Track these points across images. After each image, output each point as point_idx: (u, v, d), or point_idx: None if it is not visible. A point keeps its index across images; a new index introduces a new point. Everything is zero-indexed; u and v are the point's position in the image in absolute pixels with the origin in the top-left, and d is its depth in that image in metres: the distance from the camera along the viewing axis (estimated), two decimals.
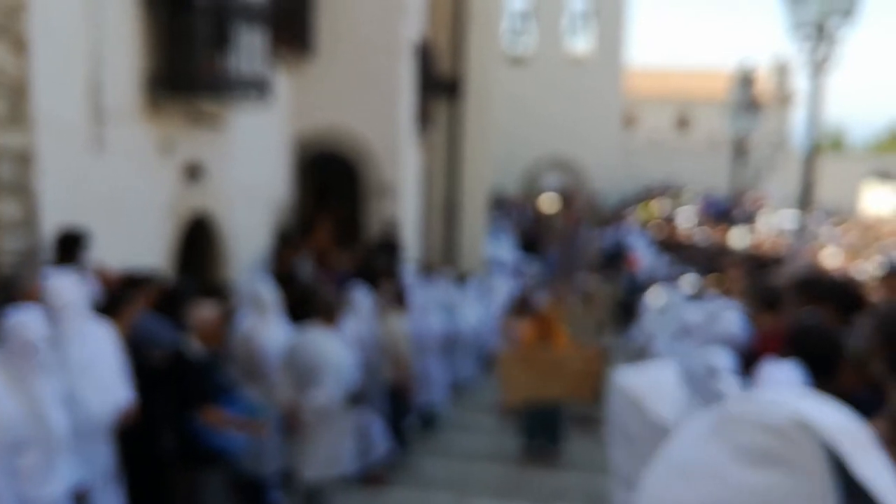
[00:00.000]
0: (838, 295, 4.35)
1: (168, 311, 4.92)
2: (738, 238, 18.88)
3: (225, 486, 5.00)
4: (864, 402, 2.57)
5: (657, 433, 2.33)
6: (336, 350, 5.31)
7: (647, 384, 2.59)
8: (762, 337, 4.71)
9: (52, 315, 3.80)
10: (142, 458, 4.40)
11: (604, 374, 7.86)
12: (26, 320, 3.55)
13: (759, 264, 11.45)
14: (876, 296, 5.44)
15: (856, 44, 75.51)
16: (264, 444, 5.35)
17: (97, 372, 4.04)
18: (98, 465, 4.04)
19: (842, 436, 1.41)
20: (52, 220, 5.41)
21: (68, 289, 4.10)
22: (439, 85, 13.31)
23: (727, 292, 7.47)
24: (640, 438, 2.56)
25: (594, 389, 7.63)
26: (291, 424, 5.31)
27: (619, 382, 2.65)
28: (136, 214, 6.70)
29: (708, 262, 11.56)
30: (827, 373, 3.01)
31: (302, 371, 5.24)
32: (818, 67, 8.29)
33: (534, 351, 7.59)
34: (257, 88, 7.79)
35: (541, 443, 7.45)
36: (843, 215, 26.83)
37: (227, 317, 5.53)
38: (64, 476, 3.63)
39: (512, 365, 7.53)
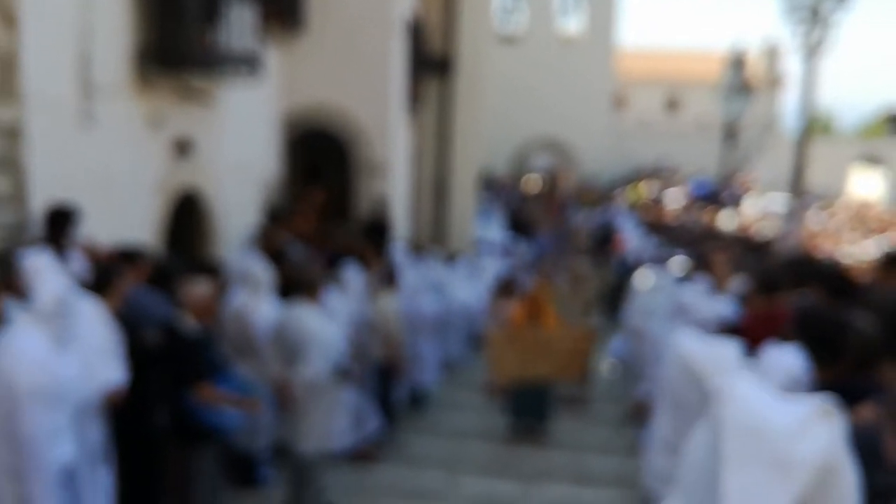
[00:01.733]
0: (828, 278, 4.37)
1: (161, 286, 4.90)
2: (725, 220, 18.96)
3: (217, 463, 5.00)
4: (863, 389, 2.60)
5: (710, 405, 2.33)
6: (320, 325, 5.30)
7: (709, 357, 2.61)
8: (753, 319, 4.73)
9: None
10: (134, 435, 4.40)
11: (592, 354, 7.92)
12: (53, 281, 3.58)
13: (746, 247, 11.51)
14: (866, 280, 5.48)
15: (846, 28, 75.59)
16: (256, 421, 5.36)
17: (85, 350, 4.02)
18: (87, 444, 4.03)
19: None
20: (41, 195, 5.36)
21: (48, 268, 4.08)
22: (430, 63, 13.23)
23: (714, 275, 7.49)
24: (691, 407, 2.59)
25: (582, 369, 7.70)
26: (282, 399, 5.32)
27: (680, 350, 2.67)
28: (125, 190, 6.65)
29: (695, 244, 11.59)
30: (831, 357, 2.97)
31: (289, 346, 5.25)
32: (812, 51, 8.30)
33: (523, 331, 7.61)
34: (247, 64, 7.71)
35: (528, 421, 7.50)
36: (830, 199, 26.96)
37: (219, 294, 5.52)
38: (67, 446, 3.65)
39: (501, 344, 7.55)
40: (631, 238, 16.96)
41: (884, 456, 2.01)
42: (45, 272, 4.05)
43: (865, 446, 2.16)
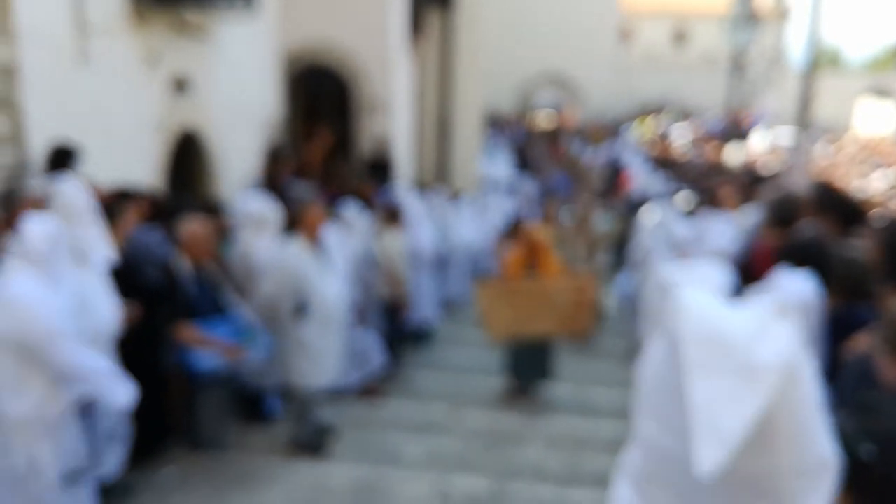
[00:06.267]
0: (844, 207, 4.33)
1: (163, 225, 4.88)
2: (732, 155, 18.81)
3: (222, 399, 5.05)
4: (863, 318, 2.60)
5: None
6: (303, 262, 5.06)
7: (689, 279, 2.61)
8: (763, 251, 4.70)
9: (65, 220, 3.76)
10: (140, 373, 4.42)
11: (595, 304, 7.13)
12: (43, 225, 3.55)
13: (753, 181, 11.42)
14: (879, 212, 5.43)
15: None
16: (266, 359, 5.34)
17: (101, 279, 4.02)
18: None
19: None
20: (39, 134, 5.32)
21: (77, 193, 4.04)
22: None
23: (720, 208, 7.45)
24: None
25: (586, 322, 6.87)
26: None
27: (660, 277, 2.68)
28: (124, 129, 6.58)
29: (702, 179, 11.52)
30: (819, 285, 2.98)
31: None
32: None
33: (516, 283, 6.73)
34: None
35: (528, 381, 6.91)
36: (838, 132, 26.66)
37: (221, 234, 5.50)
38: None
39: (493, 298, 6.65)
40: (638, 174, 16.86)
41: (875, 377, 2.05)
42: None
43: (859, 370, 2.22)
